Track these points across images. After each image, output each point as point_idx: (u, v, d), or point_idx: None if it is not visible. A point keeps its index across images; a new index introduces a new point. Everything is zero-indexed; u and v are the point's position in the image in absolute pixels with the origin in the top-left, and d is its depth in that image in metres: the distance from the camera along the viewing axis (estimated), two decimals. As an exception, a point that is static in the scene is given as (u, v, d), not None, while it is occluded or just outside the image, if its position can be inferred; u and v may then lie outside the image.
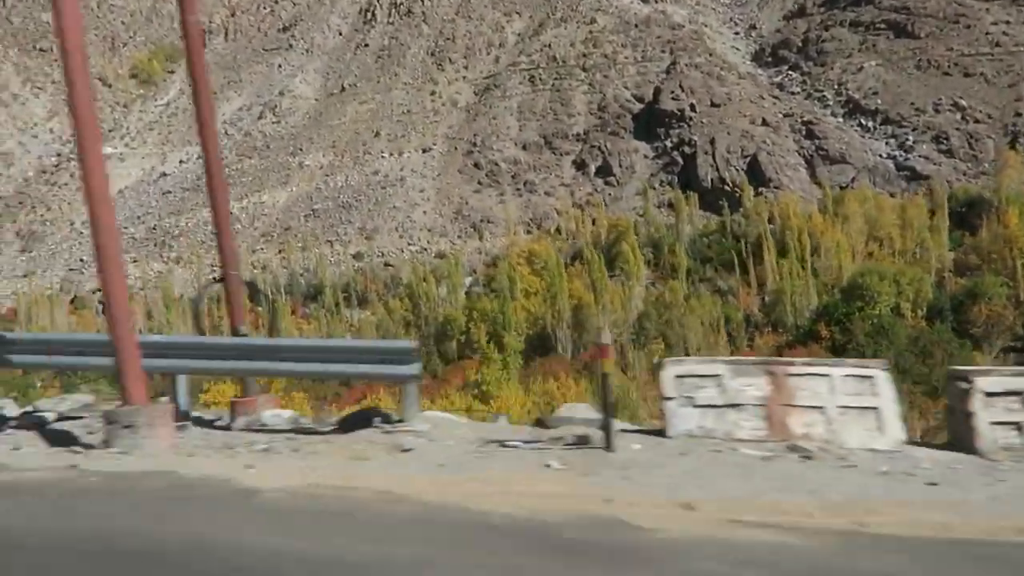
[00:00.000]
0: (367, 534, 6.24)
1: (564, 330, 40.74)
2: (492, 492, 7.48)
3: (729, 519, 6.62)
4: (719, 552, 5.78)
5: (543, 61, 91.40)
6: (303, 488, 7.80)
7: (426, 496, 7.35)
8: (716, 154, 65.84)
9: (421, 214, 70.33)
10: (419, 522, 6.56)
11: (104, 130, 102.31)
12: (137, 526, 6.45)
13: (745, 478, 8.22)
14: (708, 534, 6.23)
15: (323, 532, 6.26)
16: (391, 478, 8.20)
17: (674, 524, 6.46)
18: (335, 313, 51.53)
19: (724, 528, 6.41)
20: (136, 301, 54.92)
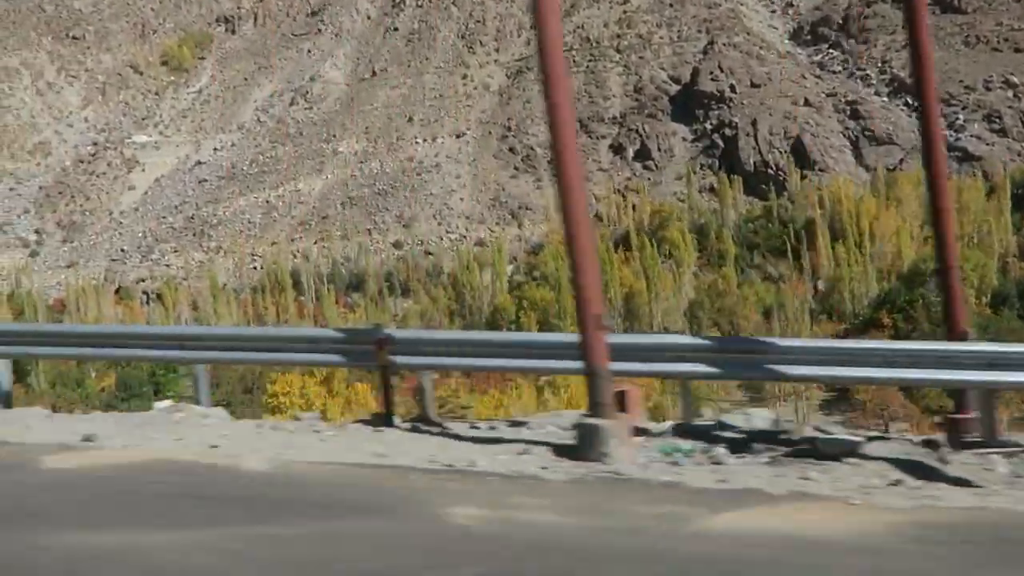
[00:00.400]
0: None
1: (616, 319, 40.23)
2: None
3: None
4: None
5: (576, 43, 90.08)
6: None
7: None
8: (759, 136, 64.65)
9: (458, 201, 69.96)
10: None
11: (137, 118, 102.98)
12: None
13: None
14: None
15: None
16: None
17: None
18: (379, 302, 51.49)
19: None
20: (181, 291, 55.35)
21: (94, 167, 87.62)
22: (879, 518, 4.55)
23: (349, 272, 58.44)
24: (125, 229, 75.97)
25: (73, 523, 4.91)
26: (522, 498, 5.19)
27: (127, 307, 55.32)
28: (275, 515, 4.92)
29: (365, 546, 4.27)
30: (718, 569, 3.78)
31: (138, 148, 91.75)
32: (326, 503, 5.20)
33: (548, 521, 4.72)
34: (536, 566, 3.91)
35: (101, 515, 5.10)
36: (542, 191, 69.84)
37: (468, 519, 4.68)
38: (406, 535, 4.46)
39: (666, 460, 6.29)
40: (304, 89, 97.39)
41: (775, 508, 4.78)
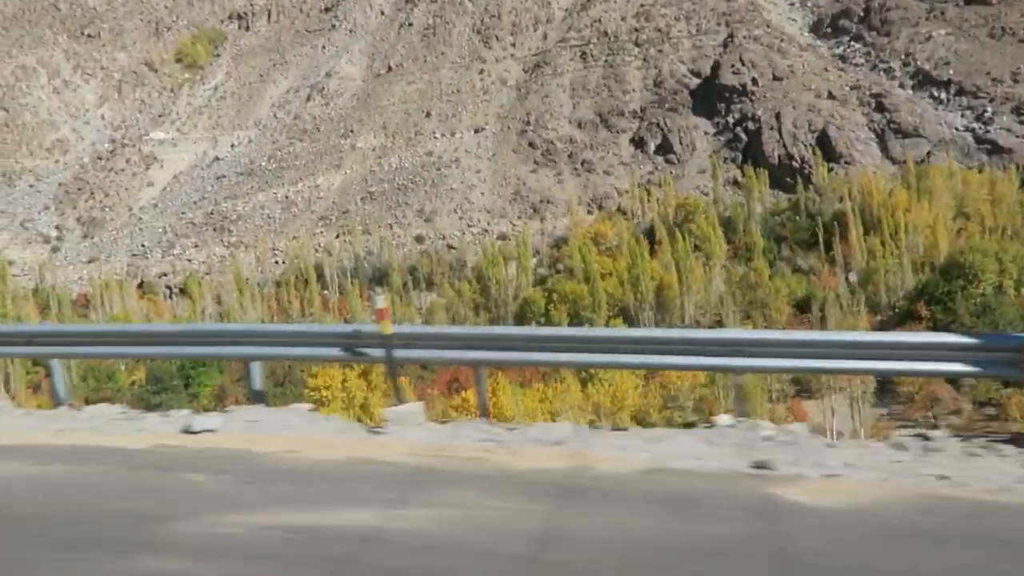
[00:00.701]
0: None
1: (647, 312, 39.89)
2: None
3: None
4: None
5: (594, 37, 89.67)
6: None
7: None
8: (782, 129, 64.05)
9: (479, 195, 69.66)
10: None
11: (153, 115, 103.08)
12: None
13: None
14: None
15: None
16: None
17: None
18: (404, 296, 51.20)
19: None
20: (204, 285, 55.26)
21: (112, 164, 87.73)
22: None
23: (372, 266, 58.20)
24: (145, 225, 76.02)
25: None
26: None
27: (151, 301, 55.26)
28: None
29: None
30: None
31: (156, 145, 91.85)
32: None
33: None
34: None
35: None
36: (563, 185, 69.54)
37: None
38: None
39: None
40: (320, 85, 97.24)
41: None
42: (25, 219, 78.19)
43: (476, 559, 4.28)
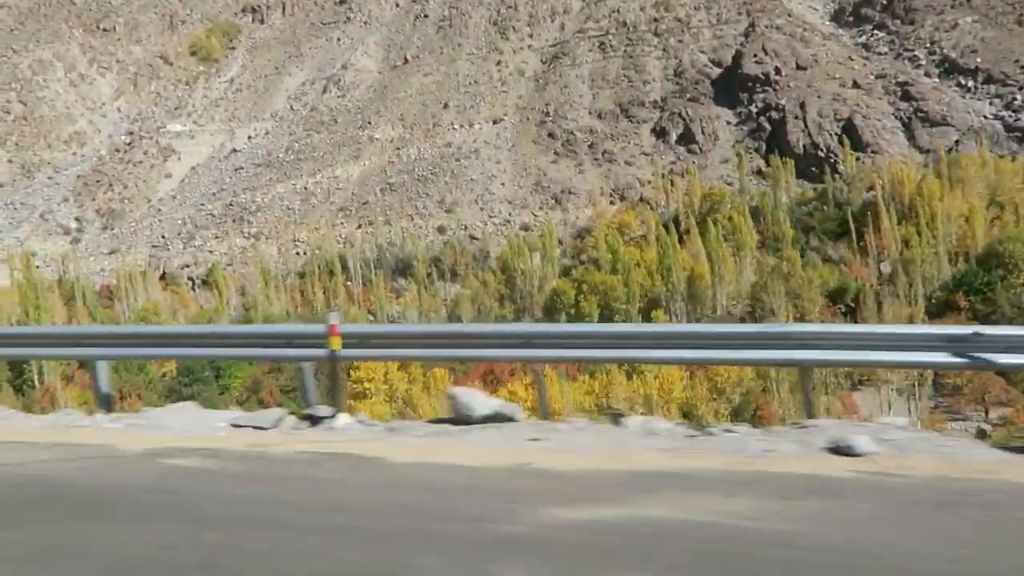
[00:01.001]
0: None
1: (679, 302, 39.47)
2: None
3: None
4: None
5: (612, 27, 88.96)
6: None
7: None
8: (807, 119, 63.33)
9: (499, 186, 69.26)
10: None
11: (169, 108, 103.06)
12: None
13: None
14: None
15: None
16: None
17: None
18: (428, 287, 50.93)
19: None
20: (227, 277, 55.15)
21: (130, 156, 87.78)
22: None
23: (395, 257, 57.96)
24: (164, 216, 76.02)
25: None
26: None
27: (174, 293, 55.21)
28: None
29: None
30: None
31: (173, 137, 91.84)
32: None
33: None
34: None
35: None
36: (584, 175, 69.04)
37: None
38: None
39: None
40: (336, 77, 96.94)
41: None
42: (45, 211, 78.36)
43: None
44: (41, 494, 5.28)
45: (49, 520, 4.65)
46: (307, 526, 4.31)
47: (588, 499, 4.75)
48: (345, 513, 4.62)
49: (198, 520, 4.50)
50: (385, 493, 5.05)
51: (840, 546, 3.82)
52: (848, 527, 4.08)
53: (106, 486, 5.45)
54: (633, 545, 3.92)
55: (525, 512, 4.50)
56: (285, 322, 36.86)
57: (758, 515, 4.31)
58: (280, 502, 4.89)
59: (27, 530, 4.51)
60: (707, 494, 4.76)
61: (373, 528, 4.32)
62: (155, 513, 4.74)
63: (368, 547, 4.02)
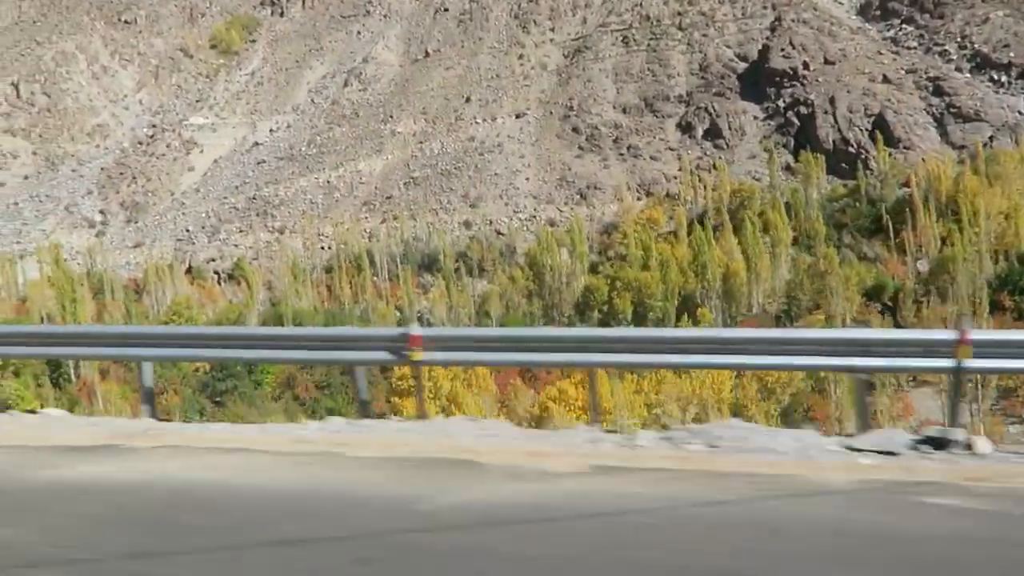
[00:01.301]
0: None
1: (714, 300, 39.06)
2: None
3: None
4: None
5: (635, 21, 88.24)
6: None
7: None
8: (837, 114, 62.55)
9: (524, 181, 68.91)
10: None
11: (190, 101, 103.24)
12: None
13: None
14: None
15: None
16: None
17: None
18: (455, 282, 50.68)
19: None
20: (253, 271, 55.13)
21: (153, 149, 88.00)
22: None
23: (420, 252, 57.77)
24: (188, 210, 76.18)
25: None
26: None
27: (202, 287, 55.27)
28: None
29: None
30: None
31: (195, 130, 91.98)
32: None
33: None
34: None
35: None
36: (609, 170, 68.57)
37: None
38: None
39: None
40: (357, 70, 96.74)
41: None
42: (69, 203, 78.71)
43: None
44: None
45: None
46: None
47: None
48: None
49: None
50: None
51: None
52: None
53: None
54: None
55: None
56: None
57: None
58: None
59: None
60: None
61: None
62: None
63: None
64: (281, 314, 43.40)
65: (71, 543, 4.34)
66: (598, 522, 4.43)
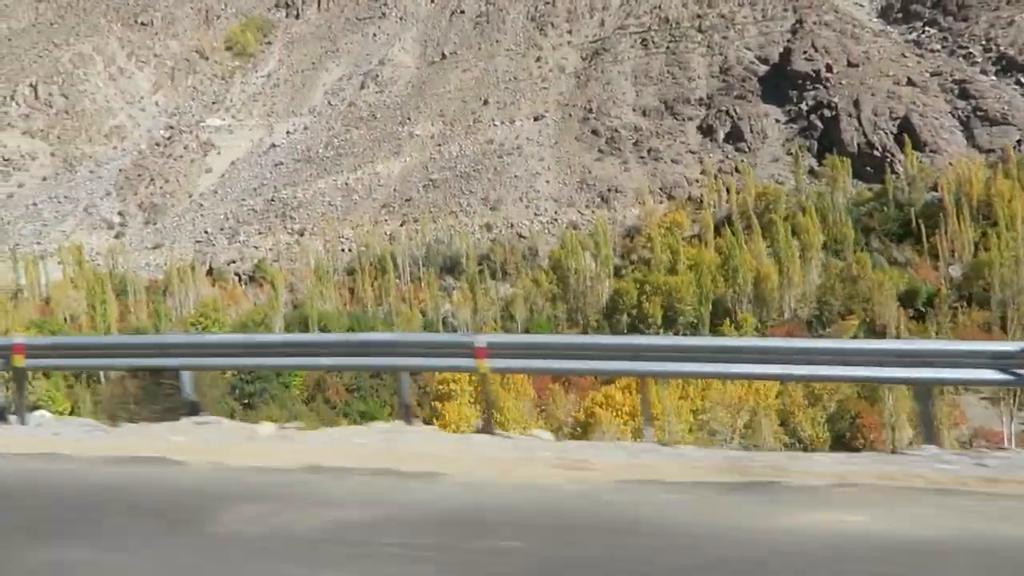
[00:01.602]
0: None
1: (745, 304, 38.60)
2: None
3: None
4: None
5: (654, 23, 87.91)
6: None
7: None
8: (862, 117, 61.99)
9: (544, 183, 68.56)
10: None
11: (206, 102, 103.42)
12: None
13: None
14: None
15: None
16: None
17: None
18: (479, 285, 50.29)
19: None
20: (275, 272, 54.94)
21: (170, 150, 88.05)
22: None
23: (442, 254, 57.46)
24: (206, 211, 76.14)
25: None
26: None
27: (223, 289, 55.11)
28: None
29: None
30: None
31: (212, 132, 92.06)
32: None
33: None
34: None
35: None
36: (630, 173, 68.15)
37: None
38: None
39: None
40: (374, 72, 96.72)
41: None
42: (88, 205, 78.80)
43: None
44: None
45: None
46: None
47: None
48: None
49: None
50: None
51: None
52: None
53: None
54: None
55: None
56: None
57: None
58: None
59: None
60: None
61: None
62: None
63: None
64: (306, 316, 43.15)
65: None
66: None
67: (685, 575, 3.75)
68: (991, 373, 8.01)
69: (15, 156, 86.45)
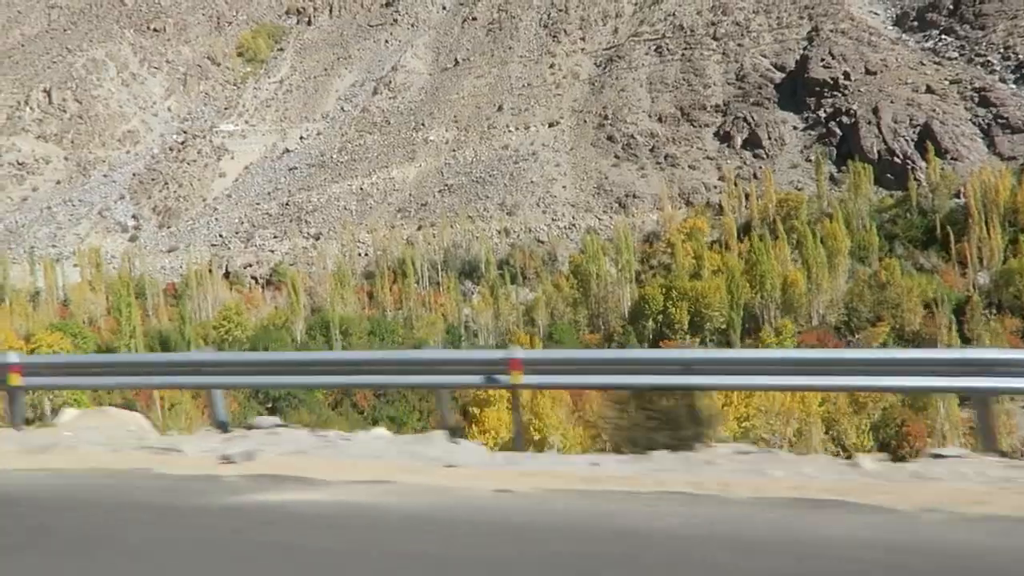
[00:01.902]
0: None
1: (773, 311, 38.23)
2: None
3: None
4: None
5: (668, 30, 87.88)
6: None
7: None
8: (881, 124, 61.72)
9: (560, 189, 68.34)
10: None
11: (219, 108, 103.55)
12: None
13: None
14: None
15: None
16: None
17: None
18: (499, 290, 49.98)
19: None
20: (295, 276, 54.65)
21: (184, 155, 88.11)
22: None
23: (461, 259, 57.19)
24: (221, 215, 76.03)
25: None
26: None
27: (240, 292, 54.87)
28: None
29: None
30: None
31: (225, 137, 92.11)
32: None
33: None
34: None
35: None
36: (647, 179, 67.91)
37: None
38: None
39: None
40: (386, 79, 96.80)
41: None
42: (103, 208, 78.75)
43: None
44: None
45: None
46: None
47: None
48: None
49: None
50: None
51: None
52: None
53: None
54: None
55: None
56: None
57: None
58: None
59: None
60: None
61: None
62: None
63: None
64: (327, 320, 42.86)
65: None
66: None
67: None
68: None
69: (29, 160, 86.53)
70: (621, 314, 44.85)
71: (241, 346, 39.25)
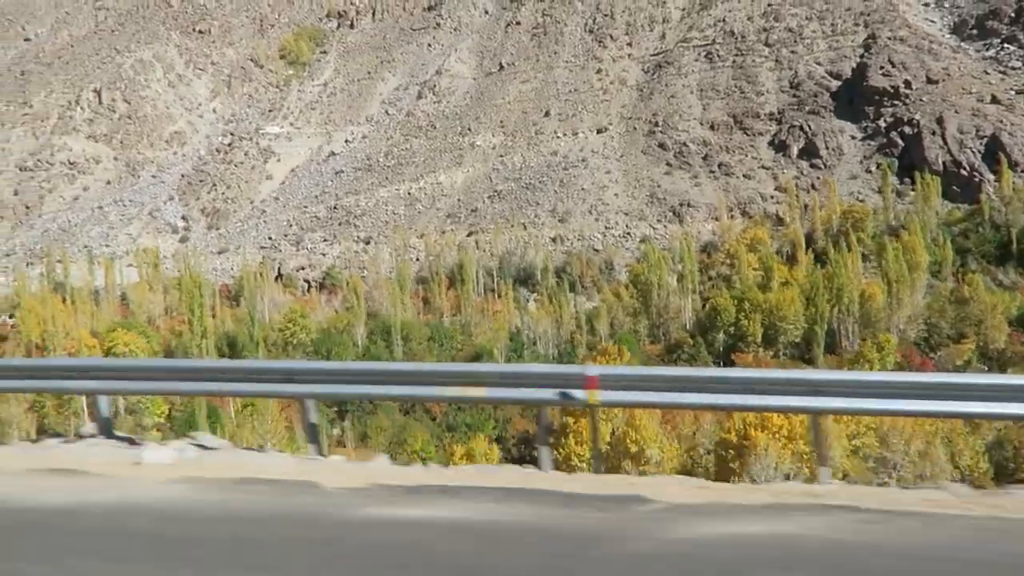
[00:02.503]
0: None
1: (851, 325, 37.12)
2: None
3: None
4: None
5: (718, 36, 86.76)
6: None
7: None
8: (946, 135, 60.15)
9: (612, 196, 67.54)
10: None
11: (263, 110, 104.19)
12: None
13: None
14: None
15: None
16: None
17: None
18: (557, 298, 49.28)
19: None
20: (357, 280, 54.41)
21: (231, 157, 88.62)
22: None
23: (516, 266, 56.61)
24: (269, 218, 76.24)
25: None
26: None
27: (293, 295, 54.74)
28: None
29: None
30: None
31: (271, 139, 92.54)
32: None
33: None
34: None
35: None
36: (701, 188, 66.90)
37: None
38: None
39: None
40: (431, 83, 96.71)
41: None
42: (152, 208, 79.37)
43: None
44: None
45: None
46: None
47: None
48: None
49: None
50: None
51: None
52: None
53: None
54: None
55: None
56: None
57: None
58: None
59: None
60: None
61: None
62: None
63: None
64: (389, 325, 42.48)
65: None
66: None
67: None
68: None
69: (80, 160, 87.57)
70: (682, 324, 43.93)
71: (305, 349, 38.97)
